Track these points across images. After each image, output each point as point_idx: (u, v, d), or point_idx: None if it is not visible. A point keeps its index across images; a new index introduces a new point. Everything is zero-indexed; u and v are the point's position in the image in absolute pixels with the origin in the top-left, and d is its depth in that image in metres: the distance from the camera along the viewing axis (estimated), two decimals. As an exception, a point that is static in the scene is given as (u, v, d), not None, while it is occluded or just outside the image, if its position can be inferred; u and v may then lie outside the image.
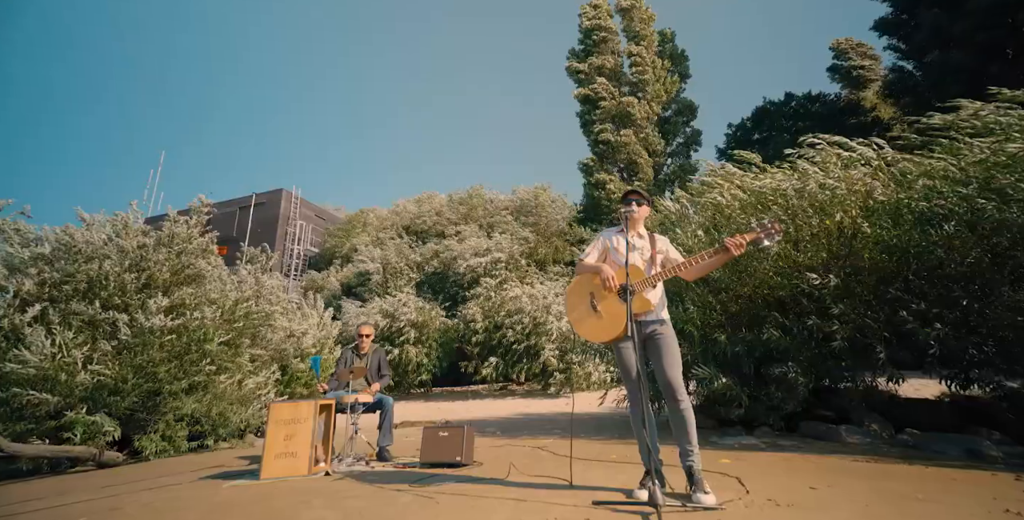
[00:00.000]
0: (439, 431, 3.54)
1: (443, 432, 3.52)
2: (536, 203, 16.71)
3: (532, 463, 3.49)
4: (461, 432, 3.48)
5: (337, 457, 3.95)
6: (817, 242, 4.30)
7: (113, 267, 6.22)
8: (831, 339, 3.83)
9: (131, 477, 4.14)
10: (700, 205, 5.79)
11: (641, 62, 18.50)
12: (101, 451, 5.38)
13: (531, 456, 3.86)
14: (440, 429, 3.55)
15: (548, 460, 3.62)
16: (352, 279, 17.07)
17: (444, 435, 3.50)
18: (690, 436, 2.34)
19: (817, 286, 3.90)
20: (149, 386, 5.78)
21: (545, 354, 12.99)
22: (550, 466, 3.33)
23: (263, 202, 23.29)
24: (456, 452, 3.40)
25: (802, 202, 4.33)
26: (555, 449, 4.27)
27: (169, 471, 4.36)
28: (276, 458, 3.34)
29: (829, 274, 3.93)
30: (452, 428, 3.52)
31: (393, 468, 3.56)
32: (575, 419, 7.88)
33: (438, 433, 3.53)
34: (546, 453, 4.01)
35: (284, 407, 3.50)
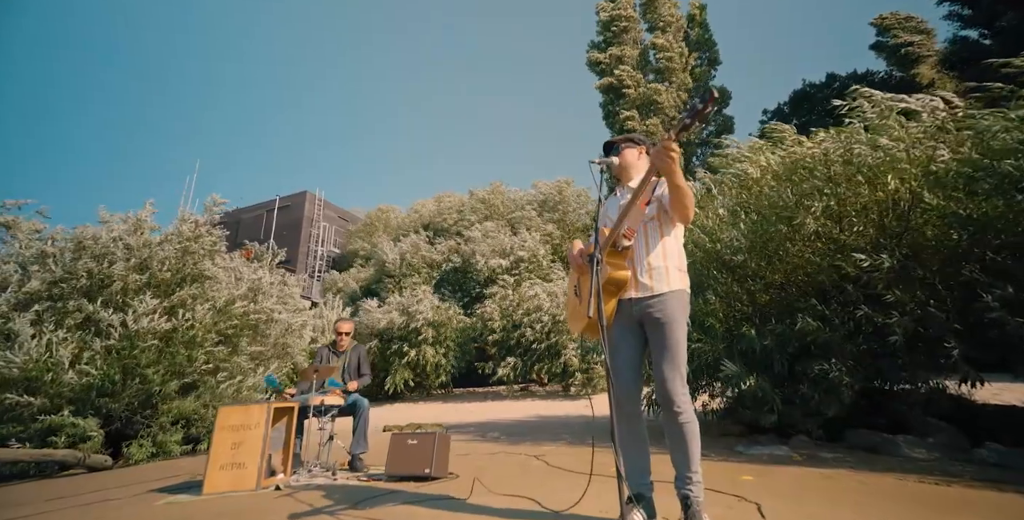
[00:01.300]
0: (407, 439, 3.05)
1: (412, 440, 3.03)
2: (560, 198, 16.07)
3: (515, 477, 2.95)
4: (432, 440, 2.98)
5: (305, 467, 3.53)
6: (866, 217, 3.58)
7: (118, 265, 6.06)
8: (887, 332, 3.12)
9: (91, 486, 3.85)
10: (723, 183, 5.10)
11: (667, 48, 17.60)
12: (86, 455, 5.16)
13: (520, 468, 3.32)
14: (409, 436, 3.06)
15: (537, 473, 3.08)
16: (371, 278, 16.92)
17: (412, 443, 3.01)
18: (690, 458, 1.75)
19: (866, 269, 3.19)
20: (139, 387, 5.57)
21: (567, 354, 12.36)
22: (535, 481, 2.79)
23: (288, 205, 23.60)
24: (425, 463, 2.90)
25: (848, 169, 3.59)
26: (552, 459, 3.71)
27: (136, 479, 4.05)
28: (221, 470, 2.93)
29: (881, 254, 3.21)
30: (422, 435, 3.02)
31: (357, 481, 3.09)
32: (593, 423, 7.27)
33: (406, 441, 3.04)
34: (538, 464, 3.46)
35: (232, 411, 3.09)
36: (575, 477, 2.87)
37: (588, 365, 12.40)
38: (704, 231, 4.39)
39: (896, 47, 23.08)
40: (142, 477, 4.14)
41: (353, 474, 3.35)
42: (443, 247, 16.22)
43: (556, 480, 2.83)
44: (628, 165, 2.06)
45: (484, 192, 17.68)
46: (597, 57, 18.81)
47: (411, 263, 16.48)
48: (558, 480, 2.83)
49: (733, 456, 3.48)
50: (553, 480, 2.84)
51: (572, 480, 2.79)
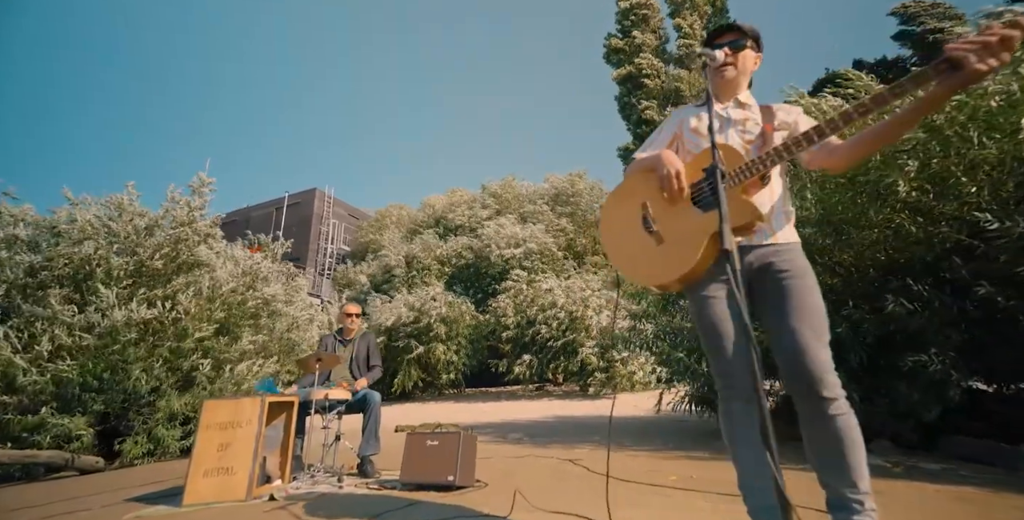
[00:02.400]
0: (426, 439, 2.54)
1: (431, 440, 2.52)
2: (573, 191, 15.53)
3: (554, 486, 2.45)
4: (455, 441, 2.47)
5: (307, 471, 3.05)
6: (977, 177, 2.92)
7: (100, 251, 5.65)
8: (1010, 317, 2.55)
9: (66, 492, 3.40)
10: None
11: (690, 35, 16.96)
12: (75, 456, 4.73)
13: (556, 474, 2.81)
14: (428, 436, 2.56)
15: (577, 481, 2.56)
16: (380, 274, 16.50)
17: (432, 445, 2.51)
18: (854, 470, 1.22)
19: (994, 234, 2.52)
20: (126, 384, 5.14)
21: (584, 352, 11.79)
22: (579, 492, 2.28)
23: (297, 202, 23.31)
24: (447, 469, 2.40)
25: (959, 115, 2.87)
26: (590, 464, 3.20)
27: (119, 484, 3.60)
28: (205, 476, 2.45)
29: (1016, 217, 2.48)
30: (443, 436, 2.52)
31: (367, 489, 2.60)
32: (616, 424, 6.73)
33: (425, 442, 2.54)
34: (577, 470, 2.94)
35: (219, 406, 2.62)
36: (628, 487, 2.35)
37: (608, 364, 11.82)
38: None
39: (923, 35, 22.06)
40: (126, 482, 3.69)
41: (362, 480, 2.86)
42: (455, 243, 15.75)
43: (604, 490, 2.32)
44: (743, 70, 1.52)
45: (496, 186, 17.19)
46: (616, 44, 18.22)
47: (422, 260, 16.03)
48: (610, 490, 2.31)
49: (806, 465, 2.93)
50: (599, 490, 2.32)
51: (627, 491, 2.27)
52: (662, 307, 4.94)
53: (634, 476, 2.53)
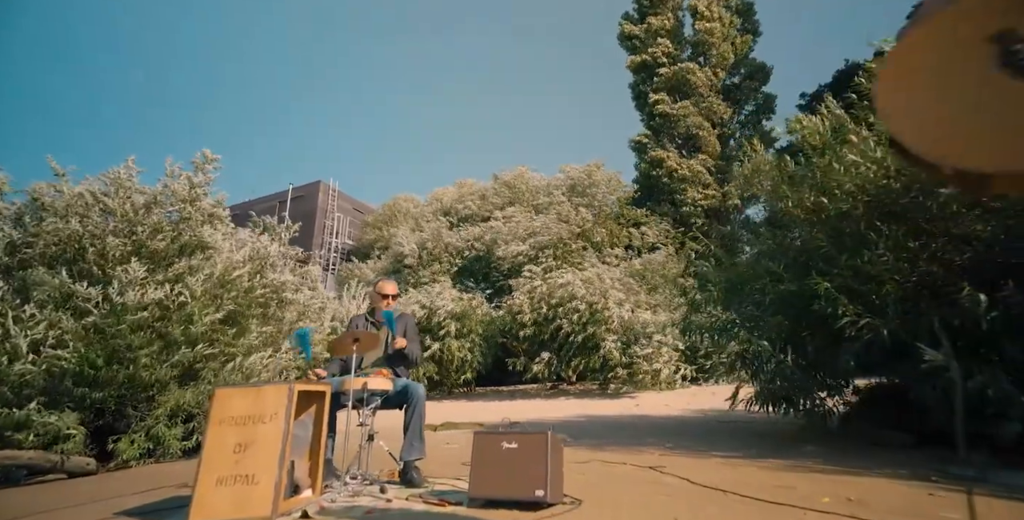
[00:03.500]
0: (502, 440, 1.98)
1: (509, 442, 1.96)
2: (590, 182, 14.96)
3: (663, 505, 1.90)
4: (542, 444, 1.92)
5: (338, 478, 2.49)
6: None
7: (91, 228, 5.10)
8: None
9: (44, 501, 2.85)
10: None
11: (707, 17, 16.34)
12: (64, 458, 4.17)
13: (651, 487, 2.25)
14: (504, 436, 1.99)
15: (687, 497, 2.01)
16: (388, 268, 15.95)
17: (510, 448, 1.95)
18: None
19: None
20: (128, 373, 4.59)
21: (606, 346, 11.20)
22: (701, 513, 1.72)
23: (301, 195, 22.75)
24: (534, 481, 1.85)
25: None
26: (680, 471, 2.65)
27: (110, 491, 3.04)
28: (219, 485, 1.89)
29: None
30: (526, 435, 1.96)
31: (423, 504, 2.04)
32: (655, 424, 6.18)
33: (500, 444, 1.98)
34: (673, 481, 2.39)
35: (235, 395, 2.06)
36: (770, 512, 1.79)
37: (631, 359, 11.23)
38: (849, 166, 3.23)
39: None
40: (120, 488, 3.13)
41: (412, 492, 2.30)
42: (466, 233, 15.18)
43: (737, 514, 1.76)
44: None
45: (509, 176, 16.60)
46: (631, 30, 17.61)
47: (432, 252, 15.47)
48: (744, 514, 1.76)
49: (943, 481, 2.34)
50: (729, 510, 1.77)
51: (758, 512, 1.72)
52: (731, 291, 4.36)
53: (763, 494, 1.97)
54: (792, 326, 3.61)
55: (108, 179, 5.69)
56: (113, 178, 5.69)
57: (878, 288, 2.86)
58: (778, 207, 3.93)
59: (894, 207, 2.86)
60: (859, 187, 2.92)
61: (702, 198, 15.41)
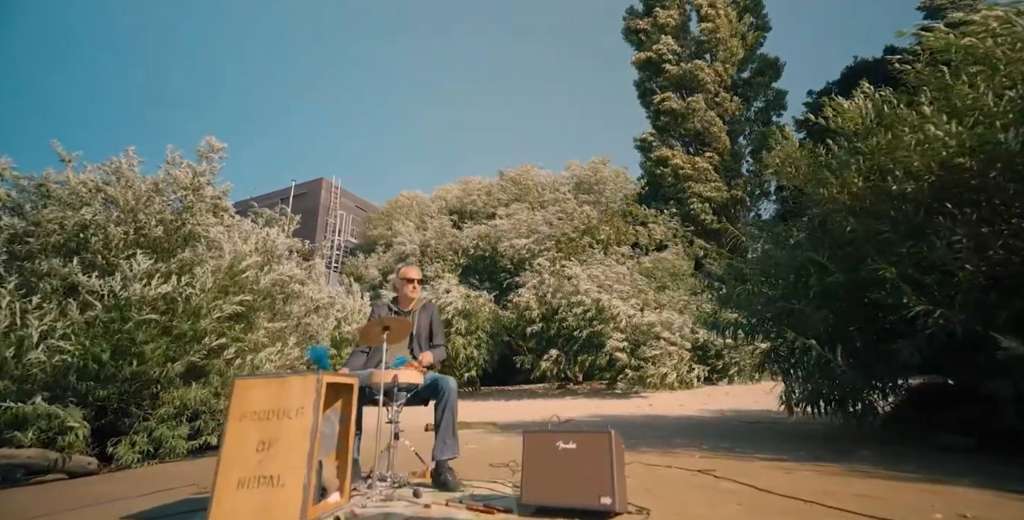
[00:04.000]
0: (557, 440, 1.77)
1: (566, 442, 1.75)
2: (596, 178, 14.76)
3: (746, 515, 1.69)
4: (604, 444, 1.70)
5: (364, 481, 2.28)
6: None
7: (95, 217, 4.89)
8: None
9: (48, 502, 2.63)
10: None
11: (712, 16, 16.14)
12: (65, 457, 3.96)
13: (712, 494, 2.04)
14: (559, 435, 1.78)
15: (764, 508, 1.79)
16: (390, 267, 15.73)
17: (568, 448, 1.74)
18: None
19: None
20: (132, 369, 4.38)
21: (612, 343, 10.97)
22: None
23: (303, 192, 22.52)
24: (599, 487, 1.64)
25: None
26: (733, 474, 2.44)
27: (112, 493, 2.82)
28: (240, 489, 1.68)
29: None
30: (586, 435, 1.75)
31: (468, 511, 1.82)
32: (677, 424, 5.95)
33: (555, 444, 1.76)
34: (731, 486, 2.17)
35: (256, 386, 1.84)
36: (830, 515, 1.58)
37: (639, 359, 11.00)
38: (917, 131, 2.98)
39: (950, 27, 21.20)
40: (125, 489, 2.92)
41: (448, 495, 2.08)
42: (471, 231, 14.98)
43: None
44: None
45: (514, 172, 16.39)
46: (637, 24, 17.39)
47: (436, 249, 15.26)
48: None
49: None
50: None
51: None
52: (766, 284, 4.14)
53: (849, 504, 1.75)
54: (838, 320, 3.40)
55: (109, 168, 5.49)
56: (115, 167, 5.50)
57: (945, 277, 2.64)
58: (820, 193, 3.71)
59: (965, 188, 2.65)
60: (926, 167, 2.71)
61: (712, 194, 15.20)
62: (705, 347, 11.63)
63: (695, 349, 11.53)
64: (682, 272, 13.21)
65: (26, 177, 4.73)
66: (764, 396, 9.26)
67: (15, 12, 39.94)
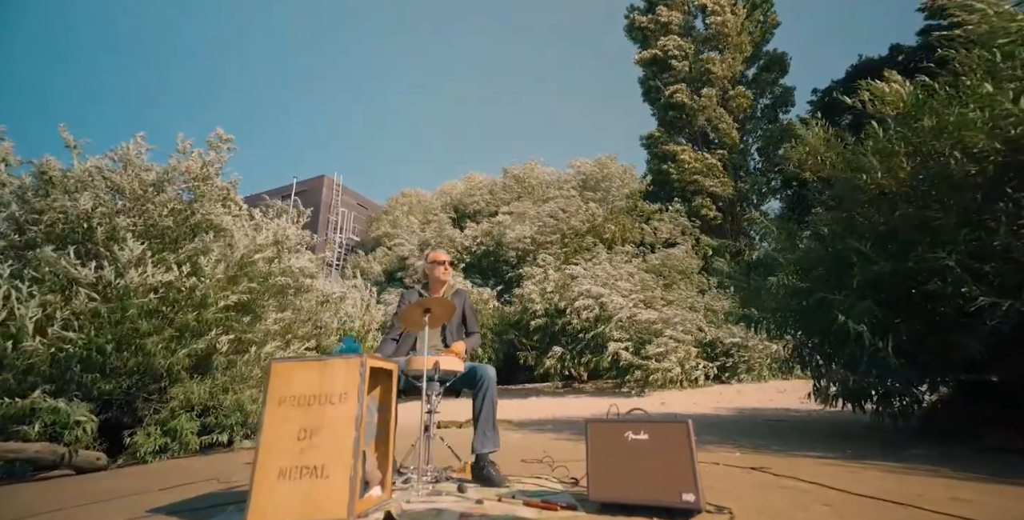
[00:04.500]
0: (626, 430, 1.62)
1: (636, 432, 1.61)
2: (603, 175, 14.62)
3: (837, 516, 1.55)
4: (682, 434, 1.56)
5: (400, 474, 2.13)
6: None
7: (101, 208, 4.73)
8: None
9: (63, 497, 2.47)
10: None
11: (719, 11, 16.01)
12: (72, 451, 3.80)
13: (792, 495, 1.90)
14: (627, 426, 1.64)
15: (856, 510, 1.65)
16: (395, 264, 15.59)
17: (639, 439, 1.59)
18: None
19: None
20: (136, 361, 4.23)
21: (612, 346, 10.82)
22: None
23: (304, 189, 22.31)
24: (679, 482, 1.49)
25: None
26: (788, 471, 2.30)
27: (133, 487, 2.66)
28: (280, 479, 1.54)
29: None
30: (659, 424, 1.60)
31: (526, 507, 1.67)
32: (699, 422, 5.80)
33: (623, 435, 1.62)
34: (801, 486, 2.03)
35: (296, 370, 1.69)
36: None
37: (644, 358, 10.84)
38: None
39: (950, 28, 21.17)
40: (141, 484, 2.76)
41: (495, 491, 1.93)
42: (474, 231, 14.83)
43: None
44: None
45: (518, 169, 16.24)
46: (640, 21, 17.25)
47: (438, 248, 15.12)
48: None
49: None
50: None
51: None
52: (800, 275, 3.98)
53: (951, 508, 1.60)
54: (884, 312, 3.26)
55: (116, 155, 5.33)
56: (121, 154, 5.34)
57: (1007, 266, 2.51)
58: (861, 180, 3.57)
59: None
60: (991, 147, 2.58)
61: (718, 191, 15.08)
62: (713, 345, 11.51)
63: (703, 346, 11.42)
64: (691, 270, 13.08)
65: (26, 162, 4.56)
66: (778, 394, 9.15)
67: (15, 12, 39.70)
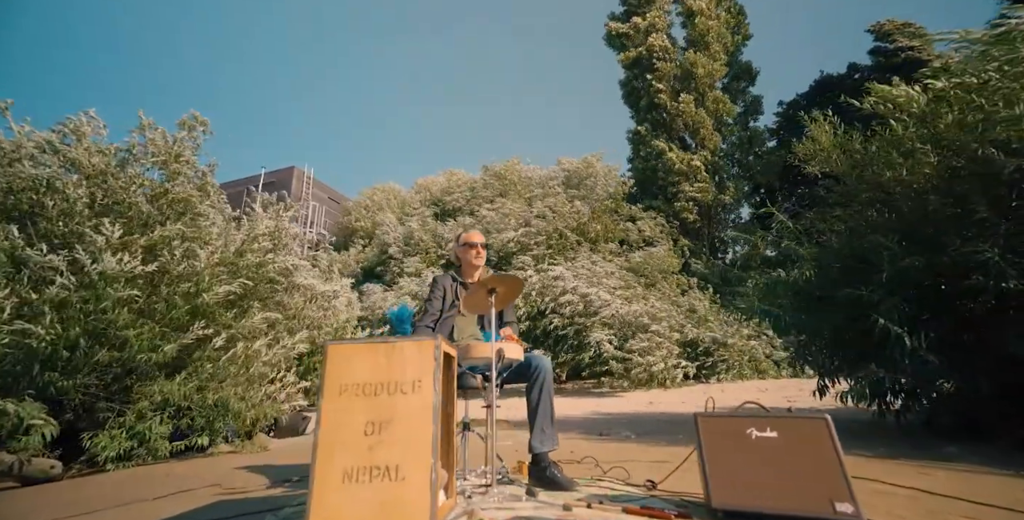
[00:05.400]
0: (749, 426, 1.43)
1: (761, 429, 1.42)
2: (587, 173, 14.59)
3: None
4: (822, 431, 1.38)
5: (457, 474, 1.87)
6: None
7: (56, 181, 4.18)
8: None
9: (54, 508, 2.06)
10: None
11: (704, 12, 16.30)
12: (22, 461, 3.32)
13: (889, 499, 1.76)
14: (748, 421, 1.44)
15: (973, 515, 1.52)
16: (373, 259, 15.02)
17: (767, 437, 1.40)
18: None
19: None
20: (110, 356, 3.74)
21: (595, 335, 10.76)
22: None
23: (272, 181, 21.28)
24: (829, 489, 1.31)
25: None
26: (868, 474, 2.18)
27: (119, 496, 2.26)
28: (347, 482, 1.26)
29: None
30: (791, 420, 1.42)
31: (628, 515, 1.45)
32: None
33: (746, 432, 1.43)
34: (894, 490, 1.91)
35: (358, 354, 1.41)
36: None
37: (626, 354, 10.81)
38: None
39: (895, 52, 22.60)
40: (120, 494, 2.36)
41: (567, 495, 1.70)
42: (456, 225, 14.50)
43: None
44: None
45: (500, 166, 16.00)
46: (619, 28, 17.41)
47: (419, 243, 14.68)
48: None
49: None
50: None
51: None
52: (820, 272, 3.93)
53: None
54: (911, 308, 3.22)
55: (66, 129, 4.68)
56: (73, 126, 4.70)
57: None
58: (885, 176, 3.56)
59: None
60: None
61: (697, 195, 15.33)
62: (694, 344, 11.63)
63: (683, 346, 11.52)
64: (671, 269, 13.22)
65: None
66: (761, 393, 9.26)
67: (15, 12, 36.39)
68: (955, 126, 3.19)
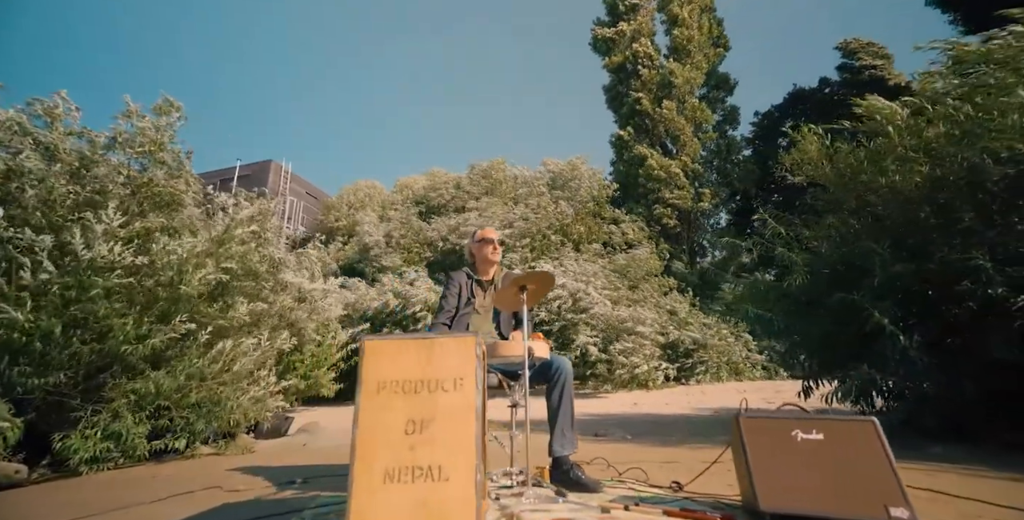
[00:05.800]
0: (793, 428, 1.42)
1: (807, 431, 1.41)
2: (572, 175, 14.68)
3: None
4: (871, 433, 1.39)
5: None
6: None
7: (31, 163, 3.93)
8: None
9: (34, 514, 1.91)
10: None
11: (686, 22, 16.66)
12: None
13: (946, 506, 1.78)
14: (792, 423, 1.44)
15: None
16: (353, 257, 14.72)
17: (812, 439, 1.40)
18: None
19: None
20: (93, 349, 3.52)
21: (582, 338, 10.82)
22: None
23: (247, 174, 20.63)
24: (883, 494, 1.30)
25: None
26: (931, 483, 2.21)
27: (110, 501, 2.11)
28: (388, 482, 1.20)
29: None
30: (837, 422, 1.42)
31: (666, 516, 1.43)
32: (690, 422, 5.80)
33: (791, 433, 1.42)
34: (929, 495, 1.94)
35: (396, 349, 1.35)
36: None
37: (610, 357, 10.90)
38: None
39: (860, 69, 23.67)
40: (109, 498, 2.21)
41: (598, 497, 1.67)
42: (439, 224, 14.36)
43: None
44: None
45: (485, 164, 15.93)
46: (604, 33, 17.63)
47: (399, 241, 14.47)
48: None
49: None
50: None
51: None
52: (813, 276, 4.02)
53: None
54: (902, 312, 3.33)
55: (39, 109, 4.40)
56: (46, 107, 4.41)
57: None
58: (880, 183, 3.68)
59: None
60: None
61: (677, 201, 15.62)
62: (675, 346, 11.83)
63: (664, 347, 11.69)
64: (655, 271, 13.42)
65: None
66: (739, 395, 9.47)
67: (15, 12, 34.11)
68: (943, 137, 3.32)
